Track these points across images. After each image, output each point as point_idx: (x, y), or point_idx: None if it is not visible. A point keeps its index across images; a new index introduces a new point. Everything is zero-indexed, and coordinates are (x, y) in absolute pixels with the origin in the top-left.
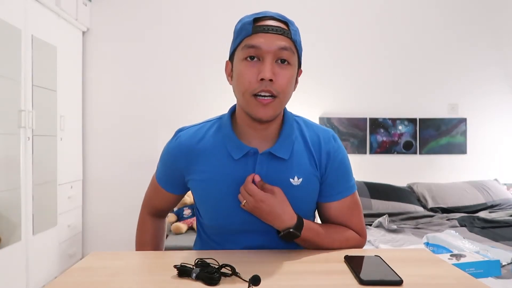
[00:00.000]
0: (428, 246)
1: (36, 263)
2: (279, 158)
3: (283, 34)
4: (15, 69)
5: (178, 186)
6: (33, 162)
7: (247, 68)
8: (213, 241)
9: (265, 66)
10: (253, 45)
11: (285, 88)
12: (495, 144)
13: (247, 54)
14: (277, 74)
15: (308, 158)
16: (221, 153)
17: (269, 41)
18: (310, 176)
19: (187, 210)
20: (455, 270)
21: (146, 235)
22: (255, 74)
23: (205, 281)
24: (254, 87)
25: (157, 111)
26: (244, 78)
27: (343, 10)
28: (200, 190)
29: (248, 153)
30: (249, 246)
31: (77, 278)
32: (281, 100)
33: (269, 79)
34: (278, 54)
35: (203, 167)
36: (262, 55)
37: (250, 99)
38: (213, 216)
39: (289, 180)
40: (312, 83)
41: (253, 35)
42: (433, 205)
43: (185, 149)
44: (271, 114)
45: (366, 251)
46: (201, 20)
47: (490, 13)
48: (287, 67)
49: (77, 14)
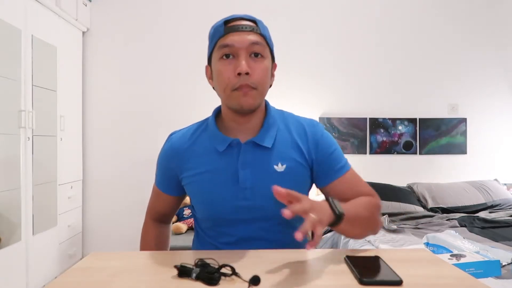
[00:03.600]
0: (428, 246)
1: (36, 263)
2: (262, 147)
3: (253, 31)
4: (15, 69)
5: (174, 187)
6: (33, 162)
7: (224, 66)
8: (208, 235)
9: (240, 61)
10: (227, 44)
11: (261, 79)
12: (495, 144)
13: (222, 53)
14: (253, 67)
15: (292, 147)
16: (208, 149)
17: (241, 38)
18: (295, 163)
19: (187, 210)
20: (455, 270)
21: (149, 240)
22: (233, 70)
23: (205, 281)
24: (233, 83)
25: (157, 111)
26: (223, 76)
27: (343, 10)
28: (192, 185)
29: (231, 145)
30: (243, 237)
31: (77, 278)
32: (259, 92)
33: (245, 72)
34: (250, 49)
35: (192, 164)
36: (236, 52)
37: (231, 93)
38: (205, 208)
39: (273, 167)
40: (312, 83)
41: (225, 35)
42: (433, 205)
43: (176, 150)
44: (251, 102)
45: (366, 251)
46: (201, 20)
47: (490, 13)
48: (261, 60)
49: (77, 14)
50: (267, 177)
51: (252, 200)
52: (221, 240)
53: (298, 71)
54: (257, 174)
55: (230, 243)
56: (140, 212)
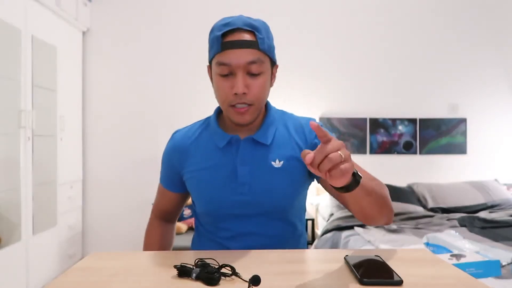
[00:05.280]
0: (428, 246)
1: (36, 263)
2: (261, 143)
3: (251, 47)
4: (15, 69)
5: (178, 184)
6: (33, 162)
7: (221, 82)
8: (208, 231)
9: (237, 82)
10: (224, 63)
11: (259, 96)
12: (495, 144)
13: (220, 72)
14: (250, 85)
15: (290, 144)
16: (209, 145)
17: (238, 57)
18: (292, 160)
19: (187, 210)
20: (455, 270)
21: (153, 237)
22: (229, 89)
23: (205, 281)
24: (230, 100)
25: (157, 111)
26: (220, 92)
27: (343, 10)
28: (192, 180)
29: (231, 141)
30: (241, 232)
31: (77, 278)
32: (256, 107)
33: (242, 93)
34: (248, 68)
35: (194, 160)
36: (233, 70)
37: (228, 108)
38: (204, 203)
39: (270, 163)
40: (312, 84)
41: (222, 52)
42: (433, 205)
43: (178, 147)
44: (248, 119)
45: (366, 251)
46: (201, 20)
47: (490, 13)
48: (259, 77)
49: (77, 14)
50: (265, 173)
51: (250, 196)
52: (220, 235)
53: (298, 71)
54: (255, 170)
55: (229, 238)
56: (140, 212)
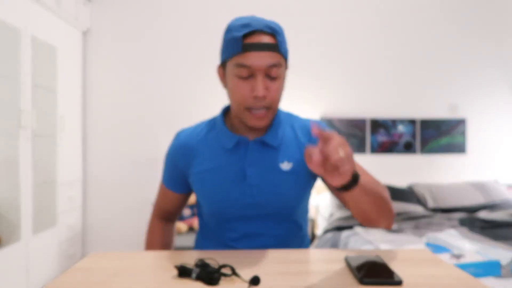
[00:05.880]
0: (428, 246)
1: (36, 263)
2: (269, 145)
3: (272, 50)
4: (15, 69)
5: (181, 184)
6: (33, 162)
7: (240, 84)
8: (213, 231)
9: (258, 85)
10: (244, 65)
11: (277, 99)
12: (495, 144)
13: (239, 73)
14: (269, 88)
15: (297, 146)
16: (216, 146)
17: (259, 59)
18: (300, 162)
19: (187, 210)
20: (455, 270)
21: (156, 236)
22: (249, 91)
23: (205, 281)
24: (248, 103)
25: (157, 111)
26: (238, 94)
27: (343, 10)
28: (199, 182)
29: (239, 142)
30: (247, 233)
31: (77, 278)
32: (273, 110)
33: (262, 96)
34: (268, 71)
35: (200, 160)
36: (254, 72)
37: (245, 111)
38: (211, 204)
39: (279, 166)
40: (312, 84)
41: (243, 53)
42: (433, 205)
43: (183, 147)
44: (265, 123)
45: (366, 251)
46: (201, 20)
47: (490, 13)
48: (277, 80)
49: (77, 14)
50: (273, 175)
51: (258, 197)
52: (227, 236)
53: (299, 72)
54: (263, 172)
55: (235, 239)
56: (140, 212)
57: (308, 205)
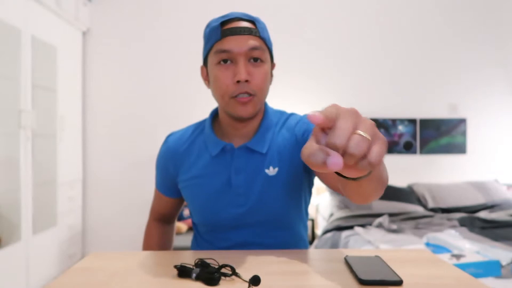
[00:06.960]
0: (428, 246)
1: (36, 263)
2: (256, 152)
3: (252, 34)
4: (15, 69)
5: (174, 189)
6: (33, 162)
7: (222, 72)
8: (205, 240)
9: (240, 68)
10: (224, 50)
11: (261, 86)
12: (495, 144)
13: (219, 59)
14: (252, 73)
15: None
16: (203, 152)
17: (239, 42)
18: (290, 165)
19: (187, 210)
20: (455, 270)
21: (152, 239)
22: (231, 77)
23: (205, 281)
24: (232, 90)
25: (157, 111)
26: (220, 82)
27: (343, 10)
28: (187, 190)
29: (225, 149)
30: (239, 242)
31: (77, 278)
32: (259, 98)
33: (245, 80)
34: (249, 54)
35: (187, 167)
36: (235, 57)
37: (230, 101)
38: (199, 213)
39: (264, 171)
40: (312, 84)
41: (222, 39)
42: (433, 205)
43: (172, 152)
44: (251, 111)
45: (366, 251)
46: (201, 19)
47: (490, 13)
48: (261, 65)
49: (77, 14)
50: (259, 182)
51: (245, 206)
52: (218, 245)
53: (298, 71)
54: (249, 180)
55: (227, 248)
56: (140, 212)
57: (305, 211)
